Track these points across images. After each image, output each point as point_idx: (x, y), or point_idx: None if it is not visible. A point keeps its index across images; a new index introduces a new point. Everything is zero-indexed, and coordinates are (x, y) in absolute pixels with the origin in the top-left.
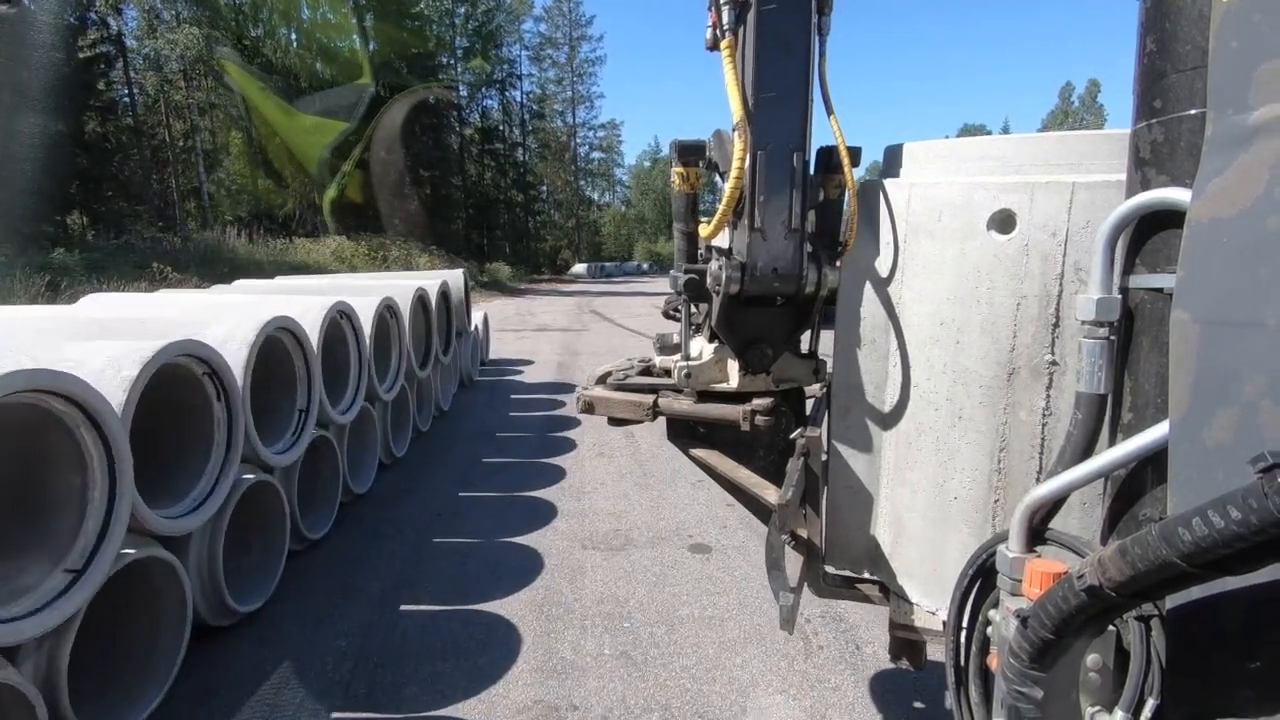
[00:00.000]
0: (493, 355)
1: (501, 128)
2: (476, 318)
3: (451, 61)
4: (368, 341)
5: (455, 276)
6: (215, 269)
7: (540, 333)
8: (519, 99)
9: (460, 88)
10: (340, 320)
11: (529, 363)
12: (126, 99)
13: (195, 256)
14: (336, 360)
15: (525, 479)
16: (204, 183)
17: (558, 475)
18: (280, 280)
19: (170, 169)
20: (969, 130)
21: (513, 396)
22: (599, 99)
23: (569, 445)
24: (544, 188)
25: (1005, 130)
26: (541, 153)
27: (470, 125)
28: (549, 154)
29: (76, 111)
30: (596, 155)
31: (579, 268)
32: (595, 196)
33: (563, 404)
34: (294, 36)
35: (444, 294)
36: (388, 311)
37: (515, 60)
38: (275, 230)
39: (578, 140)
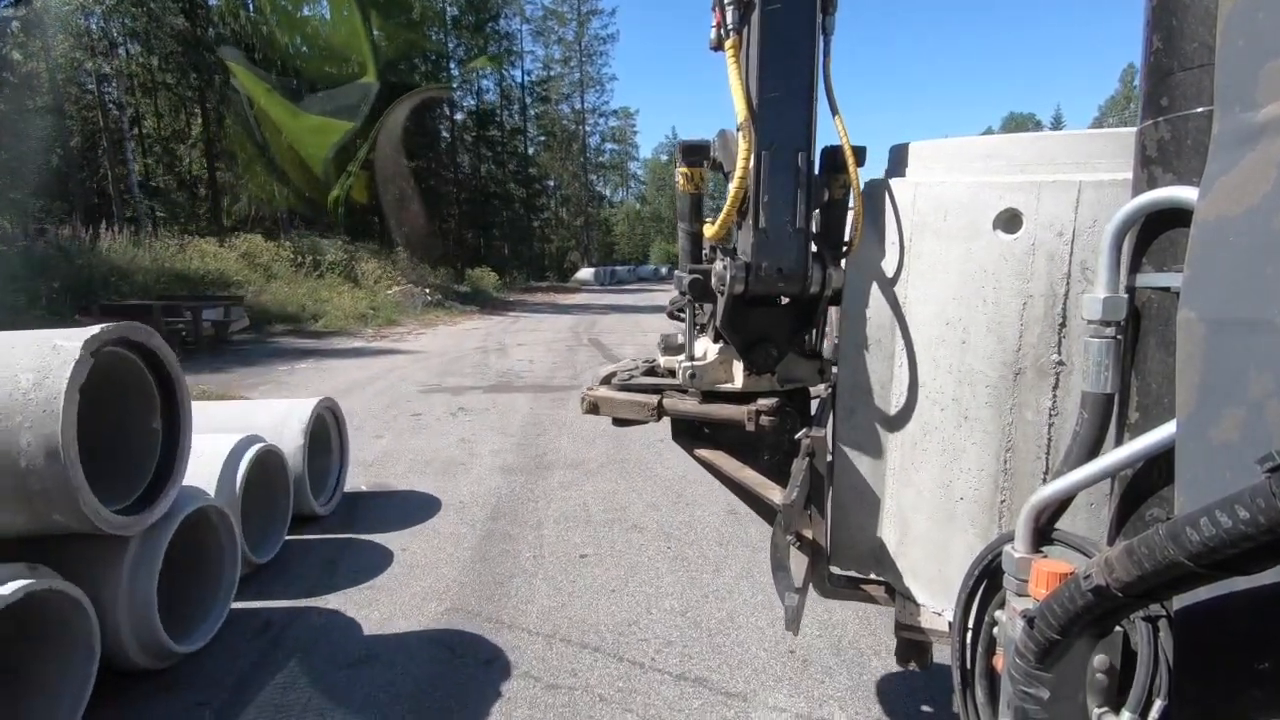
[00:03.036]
0: (377, 476)
1: (499, 112)
2: (297, 411)
3: (440, 35)
4: None
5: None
6: (43, 281)
7: (498, 395)
8: (519, 79)
9: (450, 65)
10: None
11: (431, 506)
12: (45, 74)
13: (11, 266)
14: None
15: None
16: (133, 174)
17: None
18: None
19: (105, 158)
20: (1016, 120)
21: None
22: (611, 81)
23: None
24: (549, 182)
25: (1057, 119)
26: (546, 142)
27: (462, 109)
28: (555, 143)
29: None
30: (609, 147)
31: (585, 273)
32: (607, 193)
33: None
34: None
35: None
36: None
37: (515, 34)
38: (230, 230)
39: (587, 129)
